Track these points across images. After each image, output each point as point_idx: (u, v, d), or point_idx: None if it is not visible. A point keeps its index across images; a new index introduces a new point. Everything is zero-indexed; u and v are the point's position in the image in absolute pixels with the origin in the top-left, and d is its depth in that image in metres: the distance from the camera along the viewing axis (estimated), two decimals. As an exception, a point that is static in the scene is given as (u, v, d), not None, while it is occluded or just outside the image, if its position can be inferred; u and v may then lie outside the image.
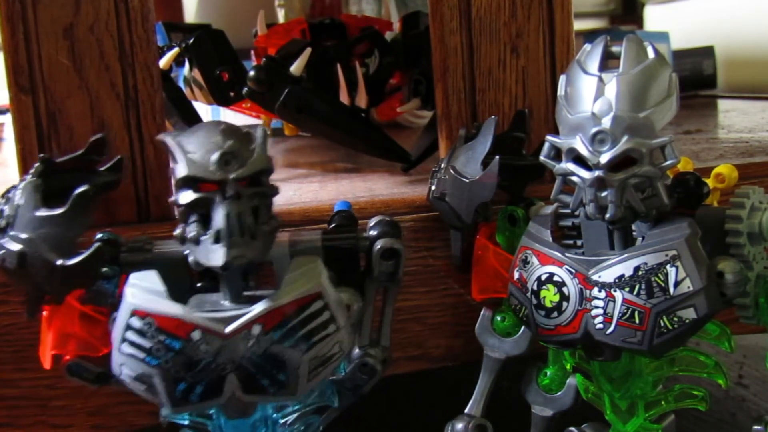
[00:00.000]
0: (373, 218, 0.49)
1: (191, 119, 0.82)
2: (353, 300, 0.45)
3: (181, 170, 0.40)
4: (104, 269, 0.45)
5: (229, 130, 0.41)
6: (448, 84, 0.61)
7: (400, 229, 0.48)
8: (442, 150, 0.63)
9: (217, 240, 0.40)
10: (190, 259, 0.42)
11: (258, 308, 0.41)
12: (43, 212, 0.43)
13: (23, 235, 0.43)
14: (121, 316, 0.42)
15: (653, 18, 1.69)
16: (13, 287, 0.51)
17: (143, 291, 0.42)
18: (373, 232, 0.47)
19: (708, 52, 1.36)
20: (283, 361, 0.41)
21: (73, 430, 0.54)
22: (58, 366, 0.46)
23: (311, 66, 0.70)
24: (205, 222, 0.41)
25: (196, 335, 0.41)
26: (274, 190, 0.42)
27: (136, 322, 0.41)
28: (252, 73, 0.68)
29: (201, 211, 0.41)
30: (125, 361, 0.42)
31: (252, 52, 0.83)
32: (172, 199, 0.41)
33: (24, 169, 0.53)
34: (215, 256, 0.40)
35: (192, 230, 0.41)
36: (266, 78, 0.67)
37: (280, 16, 1.29)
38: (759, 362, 0.86)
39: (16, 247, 0.43)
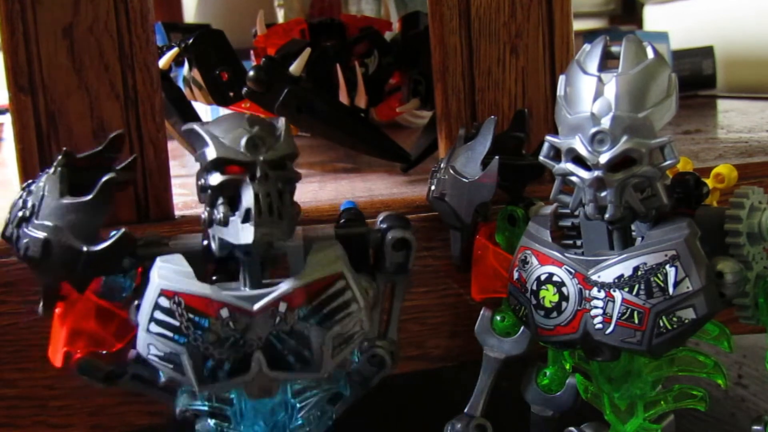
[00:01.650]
0: (381, 214, 0.50)
1: (191, 119, 0.82)
2: (369, 285, 0.47)
3: (211, 153, 0.42)
4: (124, 260, 0.45)
5: (254, 119, 0.43)
6: (447, 84, 0.61)
7: (409, 223, 0.49)
8: (441, 150, 0.63)
9: (246, 219, 0.41)
10: (214, 243, 0.44)
11: (284, 287, 0.43)
12: (69, 200, 0.44)
13: (48, 223, 0.44)
14: (149, 296, 0.43)
15: (653, 18, 1.69)
16: (26, 284, 0.52)
17: (171, 272, 0.43)
18: (383, 225, 0.49)
19: (707, 52, 1.36)
20: (308, 338, 0.43)
21: (73, 430, 0.54)
22: (68, 364, 0.46)
23: (310, 66, 0.70)
24: (232, 204, 0.42)
25: (224, 313, 0.42)
26: (298, 175, 0.44)
27: (165, 302, 0.42)
28: (251, 73, 0.68)
29: (229, 193, 0.42)
30: (153, 341, 0.43)
31: (251, 52, 0.83)
32: (200, 183, 0.43)
33: (24, 169, 0.53)
34: (245, 234, 0.41)
35: (220, 211, 0.42)
36: (266, 78, 0.67)
37: (280, 16, 1.29)
38: (758, 362, 0.86)
39: (41, 234, 0.43)
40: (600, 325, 0.45)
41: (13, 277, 0.52)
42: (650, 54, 0.43)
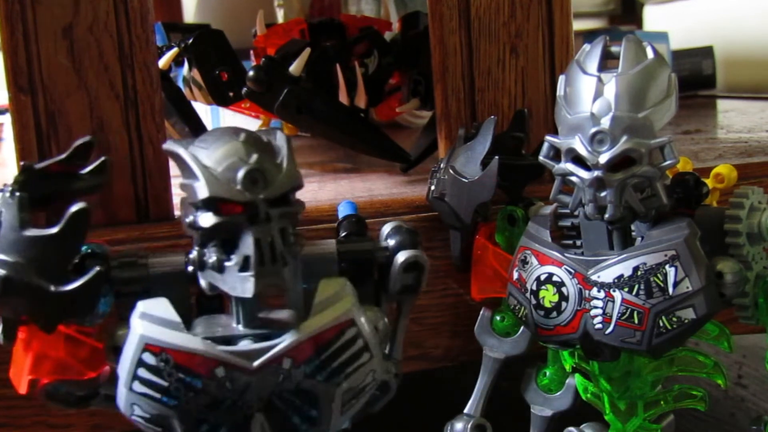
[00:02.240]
0: (387, 225, 0.45)
1: (190, 119, 0.82)
2: (378, 318, 0.41)
3: (202, 190, 0.36)
4: None
5: (252, 141, 0.37)
6: (447, 84, 0.61)
7: (419, 238, 0.45)
8: (441, 150, 0.63)
9: (244, 268, 0.36)
10: (204, 283, 0.38)
11: (288, 340, 0.38)
12: (31, 233, 0.38)
13: (8, 258, 0.37)
14: (131, 350, 0.37)
15: (652, 18, 1.69)
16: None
17: (156, 322, 0.38)
18: (391, 242, 0.44)
19: (707, 52, 1.36)
20: (315, 396, 0.38)
21: (73, 430, 0.54)
22: (33, 392, 0.41)
23: (310, 66, 0.70)
24: (226, 246, 0.37)
25: (219, 372, 0.37)
26: (301, 207, 0.38)
27: (150, 358, 0.37)
28: (251, 73, 0.68)
29: (224, 236, 0.37)
30: (138, 401, 0.37)
31: (251, 52, 0.83)
32: (189, 220, 0.38)
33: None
34: (245, 286, 0.36)
35: (213, 256, 0.37)
36: (265, 78, 0.67)
37: (279, 16, 1.29)
38: (758, 362, 0.86)
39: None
40: (600, 325, 0.45)
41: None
42: (650, 54, 0.43)
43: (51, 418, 0.53)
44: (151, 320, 0.38)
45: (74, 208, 0.38)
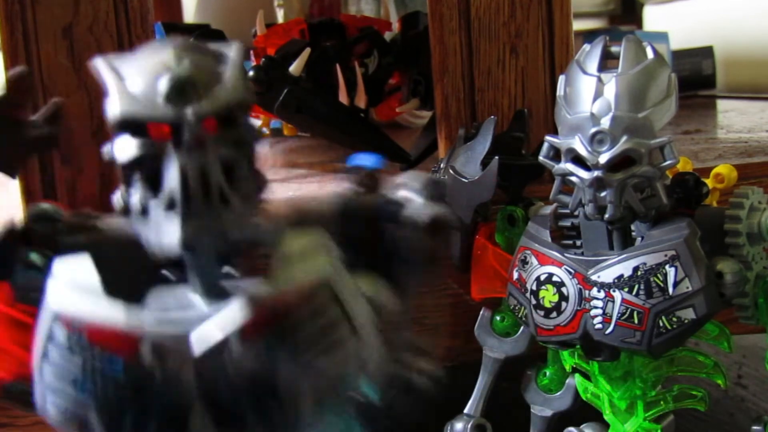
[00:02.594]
0: (403, 174, 0.36)
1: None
2: (378, 291, 0.32)
3: (114, 106, 0.28)
4: (33, 256, 0.32)
5: (186, 46, 0.29)
6: (447, 84, 0.61)
7: (444, 189, 0.35)
8: (441, 150, 0.63)
9: (170, 207, 0.28)
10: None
11: (234, 306, 0.28)
12: None
13: None
14: (43, 322, 0.29)
15: (652, 18, 1.69)
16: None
17: (69, 287, 0.29)
18: (404, 193, 0.34)
19: (707, 52, 1.36)
20: (273, 386, 0.28)
21: (73, 430, 0.54)
22: None
23: (310, 66, 0.70)
24: (155, 182, 0.28)
25: (146, 350, 0.28)
26: (255, 134, 0.30)
27: (61, 334, 0.29)
28: (251, 73, 0.68)
29: (150, 167, 0.28)
30: (48, 391, 0.29)
31: (251, 52, 0.83)
32: (105, 150, 0.30)
33: (23, 170, 0.53)
34: (169, 231, 0.28)
35: (136, 195, 0.29)
36: (265, 78, 0.67)
37: (279, 16, 1.29)
38: (758, 362, 0.85)
39: None
40: (600, 325, 0.45)
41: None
42: (650, 54, 0.43)
43: (51, 418, 0.53)
44: (65, 285, 0.29)
45: None
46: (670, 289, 0.43)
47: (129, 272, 0.31)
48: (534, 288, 0.47)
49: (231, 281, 0.31)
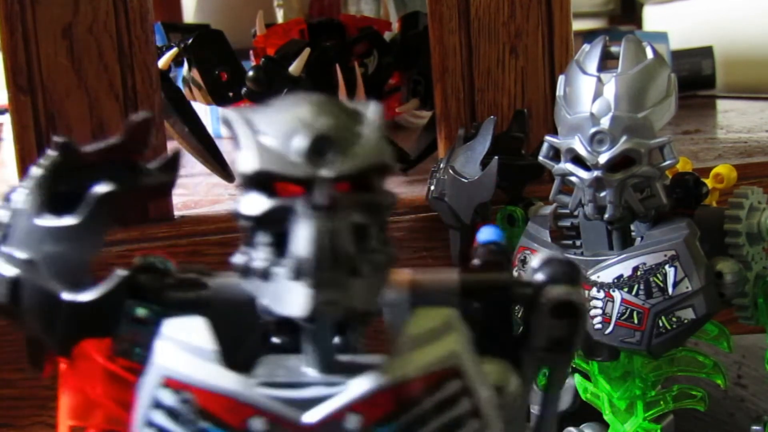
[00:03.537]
0: (537, 256, 0.32)
1: (190, 119, 0.82)
2: (506, 378, 0.30)
3: (247, 161, 0.26)
4: (139, 310, 0.30)
5: (326, 103, 0.27)
6: (446, 84, 0.61)
7: (580, 274, 0.31)
8: (441, 150, 0.63)
9: (298, 275, 0.26)
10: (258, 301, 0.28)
11: (356, 388, 0.26)
12: (45, 222, 0.30)
13: (21, 255, 0.30)
14: (147, 385, 0.28)
15: (652, 18, 1.69)
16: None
17: (181, 349, 0.28)
18: (540, 276, 0.31)
19: (707, 52, 1.36)
20: None
21: (72, 430, 0.54)
22: None
23: (310, 66, 0.70)
24: (281, 245, 0.26)
25: (257, 425, 0.26)
26: (392, 199, 0.27)
27: (168, 397, 0.27)
28: (251, 73, 0.68)
29: (277, 229, 0.26)
30: None
31: (251, 52, 0.83)
32: (233, 208, 0.27)
33: (23, 170, 0.53)
34: (294, 299, 0.26)
35: (260, 257, 0.27)
36: (265, 78, 0.67)
37: (279, 16, 1.29)
38: (758, 362, 0.85)
39: (9, 271, 0.30)
40: (599, 325, 0.45)
41: (13, 278, 0.52)
42: (649, 54, 0.43)
43: (51, 418, 0.53)
44: (175, 346, 0.28)
45: (97, 190, 0.30)
46: (670, 289, 0.43)
47: (240, 336, 0.30)
48: (534, 288, 0.47)
49: (349, 357, 0.29)
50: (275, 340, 0.31)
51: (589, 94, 0.43)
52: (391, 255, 0.27)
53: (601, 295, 0.45)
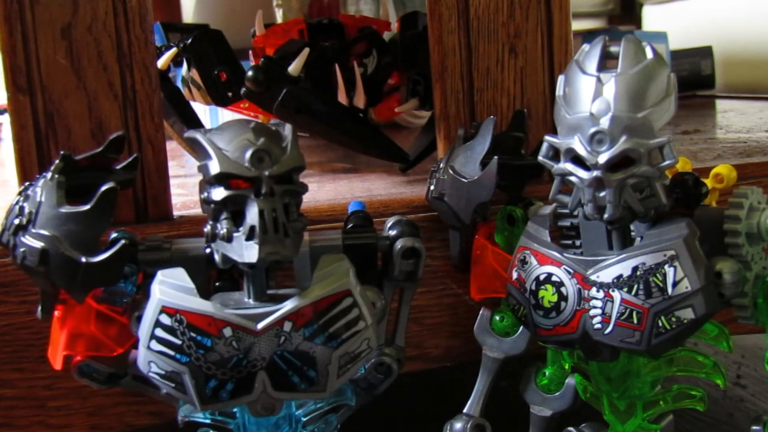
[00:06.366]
0: (390, 218, 0.49)
1: (189, 119, 0.82)
2: (377, 298, 0.46)
3: (214, 167, 0.41)
4: (126, 268, 0.45)
5: (260, 128, 0.42)
6: (446, 84, 0.61)
7: (418, 230, 0.49)
8: (440, 150, 0.63)
9: (250, 237, 0.40)
10: (217, 256, 0.43)
11: (289, 305, 0.42)
12: (66, 209, 0.43)
13: (46, 232, 0.42)
14: (150, 312, 0.42)
15: (651, 18, 1.69)
16: (25, 285, 0.52)
17: (172, 288, 0.42)
18: (392, 232, 0.48)
19: (706, 52, 1.36)
20: (313, 358, 0.42)
21: (71, 430, 0.54)
22: (69, 366, 0.46)
23: (309, 66, 0.70)
24: (236, 219, 0.41)
25: (227, 332, 0.41)
26: (305, 188, 0.43)
27: (166, 319, 0.42)
28: (250, 73, 0.68)
29: (233, 208, 0.41)
30: (154, 359, 0.42)
31: (250, 52, 0.83)
32: (203, 196, 0.42)
33: (22, 170, 0.53)
34: (249, 252, 0.40)
35: (224, 227, 0.41)
36: (264, 78, 0.67)
37: (278, 16, 1.29)
38: (757, 362, 0.86)
39: (38, 244, 0.42)
40: (599, 325, 0.45)
41: (12, 278, 0.52)
42: (649, 54, 0.43)
43: (50, 418, 0.54)
44: (169, 286, 0.42)
45: (104, 186, 0.43)
46: (669, 289, 0.43)
47: (194, 281, 0.43)
48: (533, 288, 0.47)
49: (272, 289, 0.44)
50: (217, 284, 0.47)
51: (588, 94, 0.43)
52: (305, 223, 0.43)
53: (601, 295, 0.45)
